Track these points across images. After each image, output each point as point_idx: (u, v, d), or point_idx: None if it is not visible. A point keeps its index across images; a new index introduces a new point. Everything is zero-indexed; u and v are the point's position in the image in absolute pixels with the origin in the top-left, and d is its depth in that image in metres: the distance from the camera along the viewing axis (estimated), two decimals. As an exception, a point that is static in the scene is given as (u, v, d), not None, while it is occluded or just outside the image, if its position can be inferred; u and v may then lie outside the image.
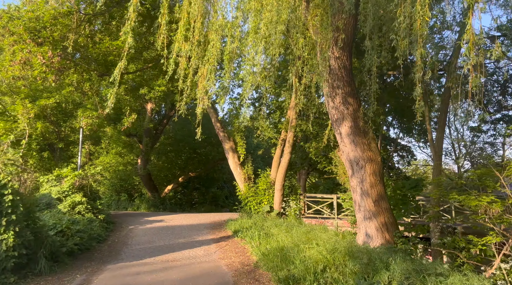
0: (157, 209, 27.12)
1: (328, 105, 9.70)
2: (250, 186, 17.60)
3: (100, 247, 10.91)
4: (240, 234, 12.88)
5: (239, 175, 17.91)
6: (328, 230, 12.14)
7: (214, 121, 18.05)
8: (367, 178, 9.22)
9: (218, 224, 16.44)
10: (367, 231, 9.16)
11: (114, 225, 15.16)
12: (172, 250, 10.81)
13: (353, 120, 9.38)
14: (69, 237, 9.61)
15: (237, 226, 14.61)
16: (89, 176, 17.24)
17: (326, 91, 9.55)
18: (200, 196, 31.99)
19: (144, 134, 25.44)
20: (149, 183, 27.80)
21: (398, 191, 12.02)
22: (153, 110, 24.86)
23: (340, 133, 9.59)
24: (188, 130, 30.56)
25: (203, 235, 13.57)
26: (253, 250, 10.55)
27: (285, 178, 16.80)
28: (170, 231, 14.17)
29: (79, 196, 14.13)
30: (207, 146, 30.32)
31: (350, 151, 9.42)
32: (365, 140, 9.41)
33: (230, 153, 17.96)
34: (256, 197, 17.20)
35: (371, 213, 9.11)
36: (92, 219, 13.07)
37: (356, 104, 9.46)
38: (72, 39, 11.13)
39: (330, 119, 10.05)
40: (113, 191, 30.11)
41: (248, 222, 14.99)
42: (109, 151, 28.80)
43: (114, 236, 12.92)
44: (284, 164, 16.47)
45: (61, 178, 16.44)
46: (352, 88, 9.43)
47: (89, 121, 15.22)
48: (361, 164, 9.30)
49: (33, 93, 18.78)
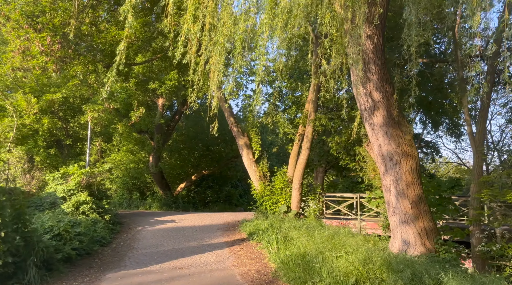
0: (169, 208, 26.28)
1: (357, 92, 8.48)
2: (266, 185, 16.47)
3: (103, 251, 9.96)
4: (255, 237, 11.77)
5: (253, 173, 16.80)
6: (354, 234, 10.92)
7: (227, 116, 16.96)
8: (403, 176, 7.98)
9: (231, 225, 15.39)
10: (404, 237, 7.92)
11: (122, 226, 14.26)
12: (181, 255, 9.78)
13: (386, 109, 8.14)
14: (67, 241, 8.67)
15: (252, 227, 13.52)
16: (97, 174, 16.43)
17: (355, 76, 8.32)
18: (213, 194, 31.04)
19: (155, 130, 24.58)
20: (161, 181, 26.97)
21: (432, 190, 10.69)
22: (165, 105, 23.96)
23: (371, 125, 8.36)
24: (201, 127, 29.66)
25: (215, 237, 12.53)
26: (270, 256, 9.43)
27: (303, 175, 15.61)
28: (180, 232, 13.18)
29: (84, 195, 13.27)
30: (220, 142, 29.34)
31: (383, 145, 8.18)
32: (400, 132, 8.17)
33: (244, 149, 16.86)
34: (272, 196, 16.06)
35: (408, 216, 7.86)
36: (96, 219, 12.17)
37: (389, 90, 8.22)
38: (74, 26, 10.18)
39: (358, 109, 8.81)
40: (125, 189, 29.43)
41: (264, 223, 13.89)
42: (120, 148, 28.10)
43: (120, 238, 11.98)
44: (302, 161, 15.27)
45: (68, 176, 15.69)
46: (385, 72, 8.18)
47: (95, 115, 14.34)
48: (395, 159, 8.06)
49: (40, 88, 18.06)
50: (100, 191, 16.38)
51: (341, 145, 14.68)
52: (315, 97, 15.24)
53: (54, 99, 16.99)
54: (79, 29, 11.67)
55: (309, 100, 16.95)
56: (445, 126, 19.15)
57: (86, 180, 15.56)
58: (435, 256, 7.36)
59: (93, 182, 16.11)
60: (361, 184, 24.46)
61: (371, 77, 8.06)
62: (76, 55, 12.38)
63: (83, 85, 15.24)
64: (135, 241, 11.52)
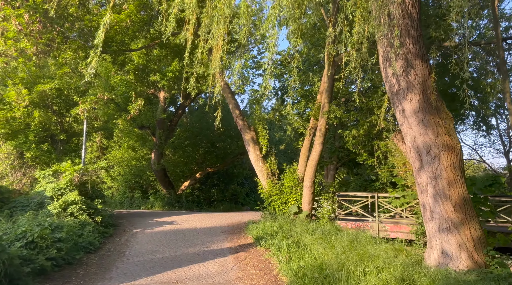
0: (172, 207, 25.05)
1: (385, 72, 7.04)
2: (274, 183, 15.09)
3: (88, 260, 8.67)
4: (263, 242, 10.41)
5: (261, 170, 15.42)
6: (377, 240, 9.50)
7: (232, 108, 15.57)
8: (444, 173, 6.54)
9: (237, 227, 14.05)
10: (445, 248, 6.48)
11: (116, 228, 13.00)
12: (178, 265, 8.46)
13: (422, 91, 6.70)
14: (43, 249, 7.39)
15: (260, 230, 12.18)
16: (92, 172, 15.20)
17: (383, 52, 6.89)
18: (219, 193, 29.73)
19: (157, 126, 23.31)
20: (164, 179, 25.73)
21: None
22: (167, 99, 22.66)
23: (402, 111, 6.93)
24: (206, 123, 28.39)
25: (218, 242, 11.19)
26: (281, 266, 8.06)
27: (315, 173, 14.21)
28: (180, 236, 11.87)
29: (73, 194, 12.02)
30: (226, 138, 28.04)
31: (418, 135, 6.74)
32: (439, 120, 6.72)
33: (251, 144, 15.48)
34: (281, 195, 14.68)
35: (450, 222, 6.43)
36: (86, 222, 10.91)
37: (426, 69, 6.77)
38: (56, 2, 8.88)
39: (387, 93, 7.37)
40: (126, 188, 28.27)
41: (272, 225, 12.54)
42: (121, 144, 26.93)
43: (111, 243, 10.70)
44: (314, 157, 13.85)
45: (60, 173, 14.49)
46: (420, 46, 6.74)
47: (87, 107, 13.08)
48: (434, 152, 6.62)
49: (32, 79, 16.87)
50: (95, 190, 15.16)
51: (358, 139, 13.21)
52: (329, 86, 13.79)
53: (46, 90, 15.78)
54: (65, 8, 10.39)
55: (321, 91, 15.51)
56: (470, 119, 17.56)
57: (79, 177, 14.36)
58: (486, 272, 5.93)
59: (88, 180, 14.91)
60: (375, 182, 23.00)
61: (403, 52, 6.62)
62: (63, 40, 11.12)
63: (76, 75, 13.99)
64: (128, 247, 10.22)
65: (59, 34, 10.61)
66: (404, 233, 13.31)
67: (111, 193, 30.41)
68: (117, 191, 29.61)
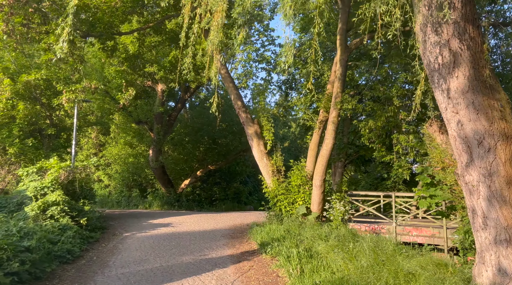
0: (172, 206, 23.75)
1: (424, 41, 5.63)
2: (280, 181, 13.72)
3: (63, 273, 7.34)
4: (269, 250, 9.04)
5: (265, 167, 14.04)
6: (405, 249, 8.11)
7: (233, 99, 14.16)
8: (501, 169, 5.15)
9: (239, 230, 12.71)
10: (503, 264, 5.09)
11: (104, 232, 11.68)
12: (169, 278, 7.11)
13: (473, 66, 5.30)
14: (3, 261, 6.06)
15: (265, 234, 10.82)
16: (80, 169, 13.91)
17: (422, 15, 5.48)
18: (221, 191, 28.38)
19: (154, 120, 21.98)
20: (163, 177, 24.42)
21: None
22: (165, 92, 21.31)
23: (445, 91, 5.52)
24: (207, 118, 27.03)
25: (218, 248, 9.84)
26: (292, 282, 6.71)
27: (326, 170, 12.83)
28: (175, 241, 10.54)
29: (55, 194, 10.70)
30: (228, 135, 26.68)
31: (467, 121, 5.34)
32: (494, 102, 5.32)
33: (255, 139, 14.09)
34: (288, 195, 13.30)
35: (511, 232, 5.02)
36: (67, 226, 9.59)
37: (478, 37, 5.36)
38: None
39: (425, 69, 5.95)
40: (124, 186, 26.99)
41: (279, 229, 11.19)
42: (118, 141, 25.65)
43: (95, 250, 9.36)
44: (325, 152, 12.46)
45: (45, 171, 13.21)
46: (471, 8, 5.32)
47: (71, 97, 11.75)
48: (488, 143, 5.22)
49: (18, 69, 15.58)
50: (84, 189, 13.86)
51: (375, 132, 11.77)
52: (342, 74, 12.37)
53: (31, 81, 14.46)
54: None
55: (332, 80, 14.10)
56: None
57: (66, 175, 13.07)
58: None
59: (76, 178, 13.62)
60: (387, 180, 21.60)
61: (449, 18, 5.21)
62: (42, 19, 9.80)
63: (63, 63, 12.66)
64: (114, 255, 8.89)
65: (36, 12, 9.27)
66: (425, 237, 11.96)
67: (108, 192, 29.17)
68: (114, 190, 28.36)
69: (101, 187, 29.54)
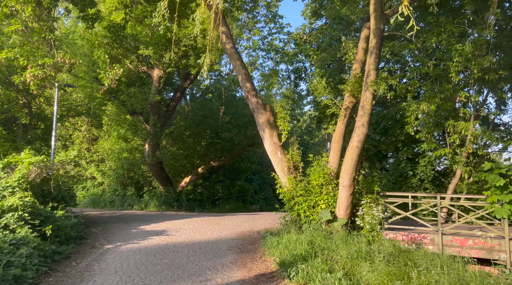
0: (170, 207, 21.42)
1: None
2: (298, 180, 11.33)
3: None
4: (294, 274, 6.66)
5: (280, 163, 11.62)
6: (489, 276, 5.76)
7: (241, 80, 11.66)
8: None
9: (249, 240, 10.35)
10: None
11: (81, 243, 9.33)
12: (154, 326, 4.75)
13: None
14: None
15: (283, 248, 8.47)
16: (56, 164, 11.59)
17: None
18: (224, 190, 26.04)
19: (150, 111, 19.59)
20: (161, 174, 22.06)
21: None
22: (161, 78, 18.89)
23: None
24: (209, 110, 24.65)
25: (224, 269, 7.47)
26: None
27: (357, 166, 10.43)
28: (169, 257, 8.18)
29: (14, 197, 8.36)
30: (232, 128, 24.27)
31: None
32: None
33: (267, 129, 11.65)
34: (307, 196, 10.90)
35: None
36: (24, 239, 7.23)
37: None
38: None
39: None
40: (118, 184, 24.65)
41: (300, 240, 8.84)
42: (111, 134, 23.28)
43: (59, 272, 6.99)
44: (357, 144, 10.04)
45: (13, 167, 10.93)
46: None
47: (38, 73, 9.37)
48: None
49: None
50: (61, 189, 11.53)
51: (429, 118, 9.23)
52: (377, 46, 9.91)
53: (1, 60, 12.09)
54: None
55: (359, 59, 11.70)
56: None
57: (37, 173, 10.75)
58: None
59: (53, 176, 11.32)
60: (412, 178, 19.24)
61: None
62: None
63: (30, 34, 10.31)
64: (83, 281, 6.52)
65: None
66: (478, 250, 9.63)
67: (102, 190, 26.88)
68: (108, 188, 26.05)
69: (94, 184, 27.25)
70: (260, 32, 25.41)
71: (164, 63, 17.72)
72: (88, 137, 25.82)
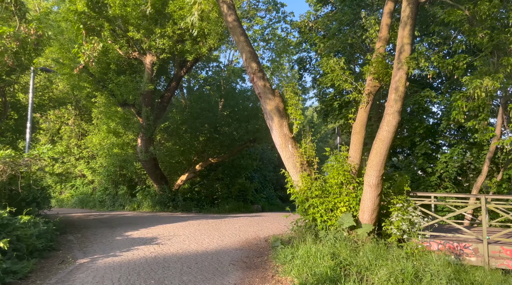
0: (165, 207, 19.66)
1: None
2: (313, 178, 9.57)
3: None
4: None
5: (291, 158, 9.83)
6: None
7: (246, 60, 9.85)
8: None
9: (256, 251, 8.58)
10: None
11: (48, 257, 7.54)
12: None
13: None
14: None
15: (301, 264, 6.71)
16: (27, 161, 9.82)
17: None
18: (223, 188, 24.31)
19: (143, 101, 17.77)
20: (155, 171, 20.28)
21: None
22: (154, 65, 17.06)
23: None
24: (208, 103, 22.90)
25: (227, 293, 5.71)
26: None
27: (386, 162, 8.69)
28: (156, 276, 6.40)
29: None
30: (232, 122, 22.53)
31: None
32: None
33: (275, 118, 9.86)
34: (324, 197, 9.16)
35: None
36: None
37: None
38: None
39: None
40: (109, 182, 22.84)
41: (320, 252, 7.10)
42: (100, 128, 21.46)
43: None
44: (387, 134, 8.31)
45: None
46: None
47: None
48: None
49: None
50: (32, 189, 9.76)
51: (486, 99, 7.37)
52: (412, 15, 8.14)
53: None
54: None
55: (382, 36, 9.95)
56: None
57: (2, 170, 9.00)
58: None
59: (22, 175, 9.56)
60: (431, 176, 17.54)
61: None
62: None
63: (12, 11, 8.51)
64: (35, 316, 4.77)
65: None
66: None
67: (92, 189, 25.06)
68: (99, 186, 24.25)
69: (84, 183, 25.42)
70: (263, 22, 23.57)
71: (158, 48, 15.90)
72: (78, 132, 23.96)
